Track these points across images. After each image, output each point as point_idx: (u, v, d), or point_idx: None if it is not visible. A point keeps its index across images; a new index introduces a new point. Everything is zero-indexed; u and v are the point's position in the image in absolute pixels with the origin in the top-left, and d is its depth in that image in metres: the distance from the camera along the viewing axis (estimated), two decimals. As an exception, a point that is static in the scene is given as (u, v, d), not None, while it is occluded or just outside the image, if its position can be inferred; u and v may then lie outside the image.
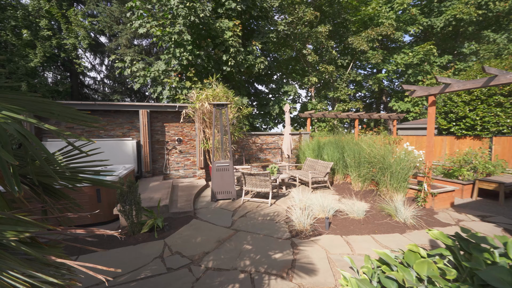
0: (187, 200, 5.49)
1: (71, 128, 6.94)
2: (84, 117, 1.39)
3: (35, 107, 1.24)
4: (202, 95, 7.12)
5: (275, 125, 12.99)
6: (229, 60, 8.88)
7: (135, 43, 12.51)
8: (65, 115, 1.31)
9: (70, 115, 1.33)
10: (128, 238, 3.95)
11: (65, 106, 1.38)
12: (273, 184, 5.99)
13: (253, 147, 9.32)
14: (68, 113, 1.33)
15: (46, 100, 1.33)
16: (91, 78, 12.94)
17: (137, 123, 7.50)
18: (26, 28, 8.40)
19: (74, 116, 1.34)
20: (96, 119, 1.51)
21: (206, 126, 7.70)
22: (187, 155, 8.14)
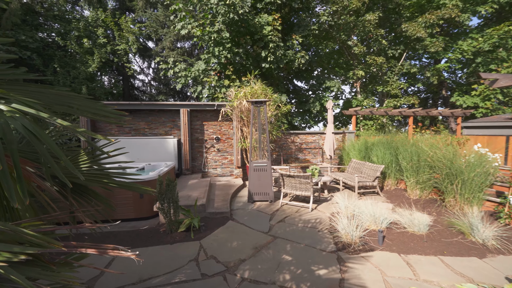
0: (224, 200, 5.36)
1: (120, 126, 7.46)
2: (106, 111, 1.21)
3: (52, 100, 1.08)
4: (240, 93, 6.96)
5: (315, 124, 12.28)
6: (268, 56, 8.58)
7: (178, 45, 13.11)
8: (85, 109, 1.14)
9: (91, 109, 1.15)
10: (166, 236, 3.94)
11: (88, 100, 1.21)
12: (315, 187, 5.49)
13: (291, 147, 8.87)
14: (89, 107, 1.16)
15: (67, 93, 1.18)
16: (140, 81, 14.02)
17: (178, 122, 7.72)
18: (86, 37, 9.37)
19: (96, 110, 1.17)
20: (120, 114, 1.33)
21: (244, 124, 7.54)
22: (225, 154, 8.11)
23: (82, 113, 1.11)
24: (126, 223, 4.61)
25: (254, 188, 5.66)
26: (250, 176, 5.67)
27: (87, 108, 1.13)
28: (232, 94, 7.26)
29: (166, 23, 11.29)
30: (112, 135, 7.40)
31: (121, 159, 7.28)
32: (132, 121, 7.52)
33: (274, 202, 5.69)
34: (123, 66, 10.77)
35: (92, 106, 1.16)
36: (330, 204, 5.55)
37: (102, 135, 6.06)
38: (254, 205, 5.52)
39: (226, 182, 7.22)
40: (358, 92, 12.45)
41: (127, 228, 4.36)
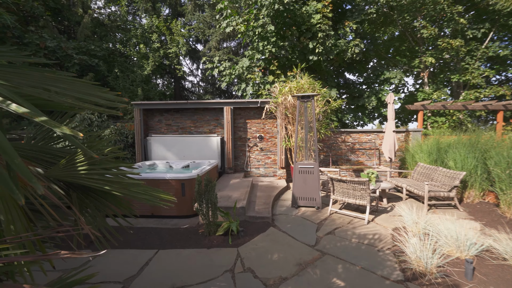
0: (266, 203, 4.97)
1: (169, 125, 7.78)
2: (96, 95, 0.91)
3: (26, 82, 0.82)
4: (285, 88, 6.47)
5: (369, 121, 10.91)
6: (316, 47, 7.85)
7: (224, 45, 13.31)
8: (67, 93, 0.85)
9: (76, 93, 0.86)
10: (203, 238, 3.75)
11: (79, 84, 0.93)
12: (372, 195, 4.65)
13: (342, 147, 7.96)
14: (75, 91, 0.87)
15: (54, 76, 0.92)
16: (189, 82, 14.77)
17: (221, 120, 7.67)
18: (143, 43, 10.16)
19: (81, 95, 0.87)
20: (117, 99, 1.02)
21: (289, 122, 7.02)
22: (268, 153, 7.73)
23: (62, 97, 0.83)
24: (169, 220, 4.62)
25: (299, 191, 5.11)
26: (295, 178, 5.14)
27: (71, 93, 0.85)
28: (277, 89, 6.82)
29: (212, 23, 11.54)
30: (161, 133, 7.78)
31: (169, 156, 7.60)
32: (179, 120, 7.76)
33: (322, 209, 5.04)
34: (174, 69, 11.39)
35: (80, 90, 0.88)
36: (391, 217, 4.63)
37: (154, 133, 6.30)
38: (299, 211, 4.97)
39: (268, 183, 6.83)
40: (425, 83, 10.56)
41: (170, 226, 4.35)
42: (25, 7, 7.59)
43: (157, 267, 3.02)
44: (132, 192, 1.16)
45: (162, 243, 3.66)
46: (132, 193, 1.16)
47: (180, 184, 4.75)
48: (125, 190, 1.14)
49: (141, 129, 7.40)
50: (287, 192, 6.43)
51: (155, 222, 4.56)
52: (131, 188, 1.19)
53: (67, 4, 9.46)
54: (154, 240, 3.78)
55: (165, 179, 4.74)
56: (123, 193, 1.14)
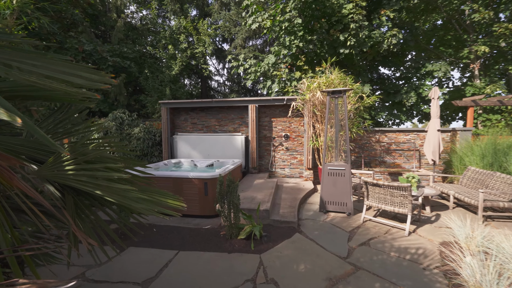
0: (291, 207, 4.65)
1: (194, 124, 7.81)
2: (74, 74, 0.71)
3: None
4: (314, 83, 6.07)
5: (407, 119, 9.92)
6: (347, 40, 7.28)
7: (250, 44, 13.16)
8: (36, 70, 0.67)
9: (47, 70, 0.67)
10: (225, 241, 3.56)
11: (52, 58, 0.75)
12: (414, 203, 4.08)
13: (376, 147, 7.29)
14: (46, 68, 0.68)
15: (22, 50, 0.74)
16: (215, 81, 14.91)
17: (246, 119, 7.49)
18: (171, 44, 10.42)
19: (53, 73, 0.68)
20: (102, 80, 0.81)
21: (317, 120, 6.59)
22: (294, 153, 7.37)
23: (23, 75, 0.65)
24: (191, 219, 4.55)
25: (328, 195, 4.70)
26: (324, 180, 4.74)
27: (40, 70, 0.66)
28: (304, 86, 6.43)
29: (238, 21, 11.46)
30: (187, 131, 7.84)
31: (194, 155, 7.63)
32: (204, 118, 7.75)
33: (353, 215, 4.58)
34: (200, 68, 11.53)
35: (54, 68, 0.69)
36: (436, 228, 4.02)
37: (180, 131, 6.34)
38: (327, 216, 4.57)
39: (294, 184, 6.48)
40: (475, 76, 9.29)
41: (192, 225, 4.26)
42: (66, 14, 8.18)
43: (176, 270, 2.89)
44: (127, 200, 0.97)
45: (183, 244, 3.55)
46: (126, 201, 0.96)
47: (203, 183, 4.64)
48: (118, 196, 0.95)
49: (168, 128, 7.52)
50: (314, 195, 6.02)
51: (178, 220, 4.51)
52: (127, 194, 0.99)
53: (103, 10, 10.06)
54: (175, 240, 3.69)
55: (188, 178, 4.67)
56: (117, 200, 0.95)
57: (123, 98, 9.33)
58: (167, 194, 1.23)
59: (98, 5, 9.90)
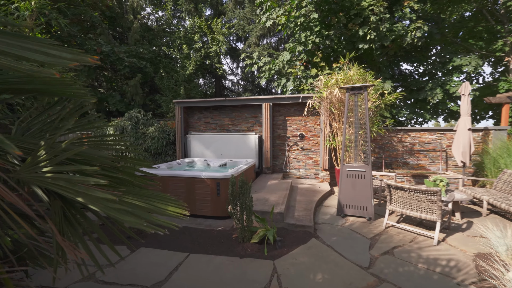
0: (306, 209, 4.42)
1: (207, 123, 7.75)
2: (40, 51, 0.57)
3: None
4: (331, 80, 5.78)
5: (432, 118, 9.29)
6: (367, 34, 6.90)
7: (264, 42, 12.97)
8: None
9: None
10: (237, 245, 3.41)
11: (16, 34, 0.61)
12: (444, 209, 3.71)
13: (398, 148, 6.85)
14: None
15: None
16: (229, 81, 14.86)
17: (260, 118, 7.32)
18: (186, 44, 10.46)
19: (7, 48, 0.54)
20: (73, 55, 0.66)
21: (334, 119, 6.29)
22: (309, 153, 7.10)
23: None
24: (203, 220, 4.45)
25: (347, 198, 4.42)
26: (342, 182, 4.47)
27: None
28: (321, 83, 6.15)
29: (252, 18, 11.31)
30: (200, 130, 7.80)
31: (207, 154, 7.57)
32: (217, 117, 7.67)
33: (374, 220, 4.27)
34: (214, 68, 11.51)
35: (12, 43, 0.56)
36: (469, 238, 3.64)
37: (193, 131, 6.30)
38: (346, 220, 4.29)
39: (309, 186, 6.22)
40: (511, 70, 8.51)
41: (203, 226, 4.15)
42: (86, 17, 8.43)
43: (186, 274, 2.78)
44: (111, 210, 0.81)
45: (193, 246, 3.44)
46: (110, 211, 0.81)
47: (216, 183, 4.52)
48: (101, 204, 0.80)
49: (182, 127, 7.52)
50: (331, 197, 5.74)
51: (190, 221, 4.42)
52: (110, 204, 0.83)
53: (121, 13, 10.29)
54: (186, 241, 3.59)
55: (201, 177, 4.57)
56: (101, 209, 0.81)
57: (139, 98, 9.48)
58: (168, 200, 1.09)
59: (116, 8, 10.14)
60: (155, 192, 1.11)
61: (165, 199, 1.05)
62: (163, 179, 4.82)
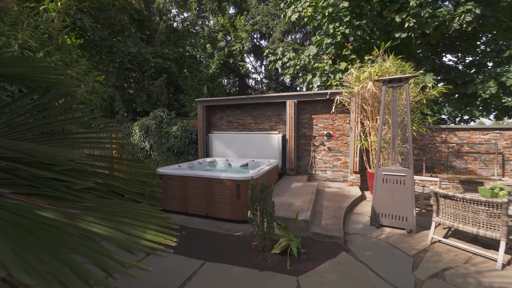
0: (335, 217, 3.96)
1: (229, 122, 7.56)
2: None
3: None
4: (364, 73, 5.21)
5: (481, 115, 8.11)
6: (405, 21, 6.15)
7: (289, 38, 12.50)
8: None
9: None
10: (256, 254, 3.10)
11: None
12: (510, 224, 3.03)
13: (441, 149, 6.02)
14: None
15: None
16: (253, 79, 14.63)
17: (284, 116, 6.94)
18: (209, 43, 10.43)
19: None
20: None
21: (366, 116, 5.69)
22: (338, 154, 6.54)
23: None
24: (222, 223, 4.22)
25: (382, 206, 3.88)
26: (377, 188, 3.93)
27: None
28: (352, 76, 5.60)
29: (276, 13, 10.94)
30: (222, 129, 7.63)
31: (228, 154, 7.39)
32: (239, 116, 7.44)
33: (416, 233, 3.68)
34: (237, 66, 11.35)
35: None
36: (546, 262, 2.91)
37: (215, 130, 6.15)
38: (382, 232, 3.76)
39: (337, 189, 5.70)
40: None
41: (222, 230, 3.91)
42: (115, 20, 8.75)
43: (200, 285, 2.53)
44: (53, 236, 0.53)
45: (210, 252, 3.20)
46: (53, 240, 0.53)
47: (235, 185, 4.26)
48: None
49: (204, 126, 7.42)
50: (362, 203, 5.17)
51: (209, 223, 4.22)
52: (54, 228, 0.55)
53: (148, 15, 10.57)
54: (203, 246, 3.37)
55: (220, 178, 4.35)
56: None
57: (164, 98, 9.64)
58: (156, 217, 0.80)
59: (143, 11, 10.44)
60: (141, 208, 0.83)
61: (152, 217, 0.77)
62: (183, 179, 4.69)
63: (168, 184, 4.83)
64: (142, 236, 0.64)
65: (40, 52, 3.44)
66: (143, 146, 7.71)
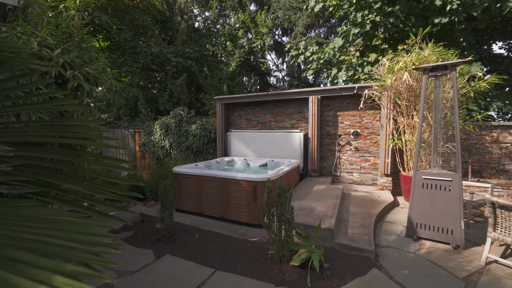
0: (364, 226, 3.48)
1: (248, 120, 7.29)
2: None
3: None
4: (398, 63, 4.61)
5: (542, 111, 6.91)
6: (447, 4, 5.38)
7: (312, 33, 11.91)
8: None
9: None
10: (272, 266, 2.77)
11: None
12: None
13: (492, 149, 5.18)
14: None
15: None
16: (274, 77, 14.23)
17: (306, 113, 6.50)
18: (229, 41, 10.27)
19: None
20: None
21: (400, 112, 5.07)
22: (366, 155, 5.95)
23: None
24: (238, 227, 3.95)
25: (421, 215, 3.32)
26: (415, 194, 3.38)
27: None
28: (384, 68, 5.01)
29: (299, 7, 10.45)
30: (241, 128, 7.39)
31: (247, 153, 7.12)
32: (259, 114, 7.14)
33: (464, 250, 3.08)
34: (258, 64, 11.06)
35: None
36: None
37: (234, 128, 5.91)
38: (421, 246, 3.21)
39: (365, 194, 5.15)
40: None
41: (237, 235, 3.64)
42: (138, 21, 8.94)
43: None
44: None
45: (222, 260, 2.94)
46: None
47: (252, 186, 3.97)
48: None
49: (222, 124, 7.24)
50: (395, 210, 4.58)
51: (224, 226, 3.98)
52: None
53: (171, 16, 10.70)
54: (215, 252, 3.12)
55: (236, 179, 4.08)
56: None
57: (185, 97, 9.65)
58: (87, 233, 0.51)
59: (166, 11, 10.59)
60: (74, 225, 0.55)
61: (78, 249, 0.48)
62: (198, 178, 4.51)
63: (184, 183, 4.68)
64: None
65: (57, 49, 3.45)
66: (163, 145, 7.74)
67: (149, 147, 8.13)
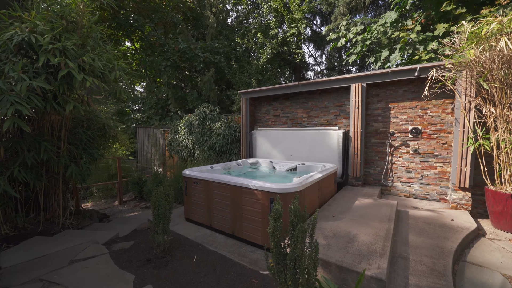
0: (434, 271, 2.23)
1: (277, 116, 6.33)
2: None
3: None
4: (490, 25, 3.12)
5: None
6: None
7: (357, 17, 10.29)
8: None
9: None
10: (284, 330, 1.80)
11: None
12: None
13: None
14: None
15: None
16: (312, 71, 12.89)
17: (346, 106, 5.25)
18: (261, 32, 9.43)
19: None
20: None
21: (488, 100, 3.51)
22: (430, 159, 4.44)
23: None
24: (250, 250, 3.08)
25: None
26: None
27: None
28: (464, 36, 3.52)
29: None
30: (268, 125, 6.47)
31: (274, 154, 6.17)
32: (289, 109, 6.12)
33: None
34: (293, 56, 9.98)
35: None
36: None
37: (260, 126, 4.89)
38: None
39: (431, 214, 3.72)
40: None
41: (246, 262, 2.77)
42: (167, 18, 8.78)
43: None
44: None
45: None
46: None
47: (268, 199, 3.03)
48: None
49: (247, 121, 6.43)
50: (480, 243, 3.10)
51: (233, 247, 3.15)
52: None
53: (201, 12, 10.38)
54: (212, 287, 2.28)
55: (249, 188, 3.20)
56: None
57: (213, 94, 9.17)
58: None
59: (197, 8, 10.31)
60: None
61: None
62: (207, 184, 3.76)
63: (193, 189, 3.99)
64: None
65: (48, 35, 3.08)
66: (186, 144, 7.31)
67: (174, 146, 7.82)
